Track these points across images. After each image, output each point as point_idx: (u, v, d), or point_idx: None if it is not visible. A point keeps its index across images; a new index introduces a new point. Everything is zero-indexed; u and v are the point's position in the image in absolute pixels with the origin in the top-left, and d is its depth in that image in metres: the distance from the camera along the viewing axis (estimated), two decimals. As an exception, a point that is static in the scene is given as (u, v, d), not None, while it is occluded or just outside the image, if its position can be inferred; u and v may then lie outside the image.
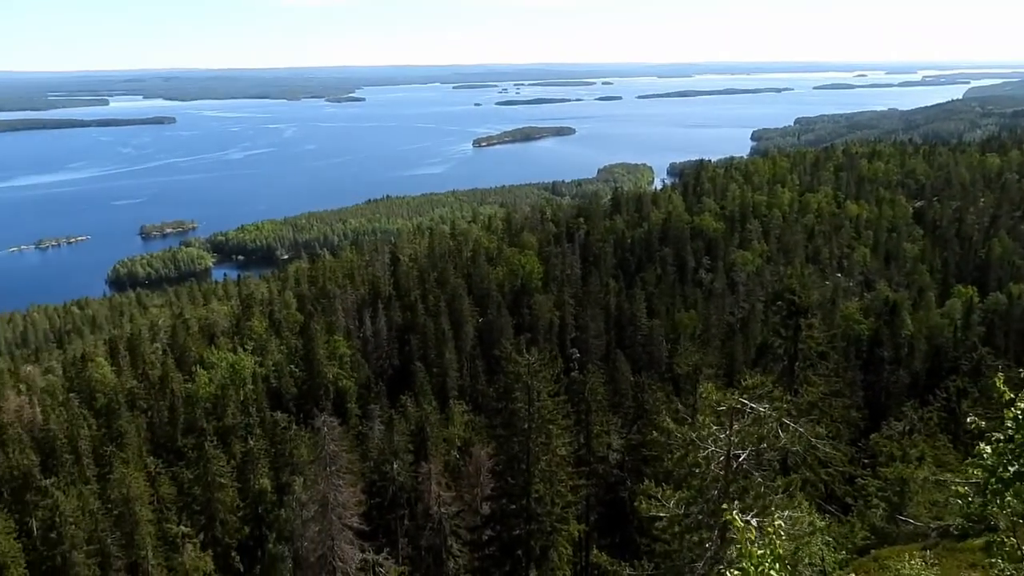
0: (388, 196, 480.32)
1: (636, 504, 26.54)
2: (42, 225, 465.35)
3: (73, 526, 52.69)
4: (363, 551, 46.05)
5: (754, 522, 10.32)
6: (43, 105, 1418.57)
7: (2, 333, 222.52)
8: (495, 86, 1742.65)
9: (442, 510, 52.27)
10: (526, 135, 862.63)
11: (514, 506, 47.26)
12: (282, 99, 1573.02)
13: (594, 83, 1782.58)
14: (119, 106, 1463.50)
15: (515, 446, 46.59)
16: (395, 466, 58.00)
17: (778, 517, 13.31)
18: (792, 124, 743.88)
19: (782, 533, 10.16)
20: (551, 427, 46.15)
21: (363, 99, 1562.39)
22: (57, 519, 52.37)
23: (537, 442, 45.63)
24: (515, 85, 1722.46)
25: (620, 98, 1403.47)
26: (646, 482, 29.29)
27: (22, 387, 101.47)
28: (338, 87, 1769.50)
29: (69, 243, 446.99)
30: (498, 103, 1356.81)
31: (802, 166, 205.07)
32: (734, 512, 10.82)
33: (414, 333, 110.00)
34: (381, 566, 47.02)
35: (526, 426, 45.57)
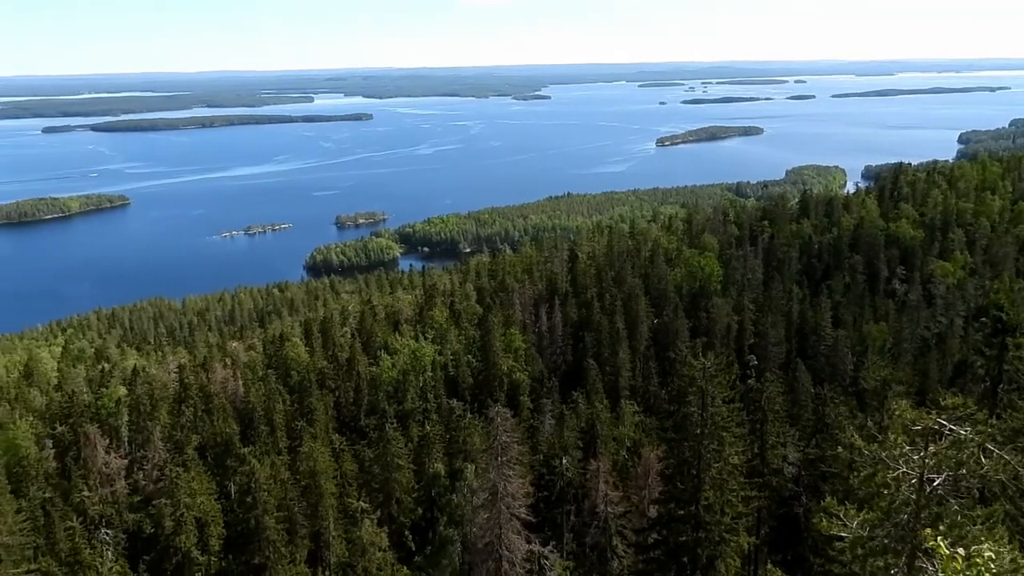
0: (569, 193, 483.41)
1: (814, 521, 25.28)
2: (251, 213, 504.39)
3: (266, 493, 56.65)
4: (529, 542, 46.68)
5: (961, 551, 9.46)
6: (256, 102, 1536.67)
7: (213, 311, 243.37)
8: (681, 84, 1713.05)
9: (609, 509, 52.07)
10: (711, 134, 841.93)
11: (682, 512, 46.29)
12: (471, 97, 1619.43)
13: (786, 81, 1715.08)
14: (323, 103, 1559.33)
15: (686, 451, 45.60)
16: (564, 461, 58.34)
17: (988, 549, 12.16)
18: (1006, 126, 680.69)
19: (992, 566, 9.32)
20: (724, 434, 44.81)
21: (549, 97, 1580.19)
22: (252, 485, 56.45)
23: (709, 448, 44.44)
24: (702, 83, 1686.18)
25: (813, 97, 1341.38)
26: (827, 499, 27.78)
27: (228, 361, 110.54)
28: (525, 85, 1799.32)
29: (273, 230, 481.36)
30: (684, 102, 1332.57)
31: (1016, 172, 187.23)
32: (938, 539, 10.02)
33: (589, 330, 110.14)
34: (546, 558, 47.45)
35: (698, 431, 44.48)
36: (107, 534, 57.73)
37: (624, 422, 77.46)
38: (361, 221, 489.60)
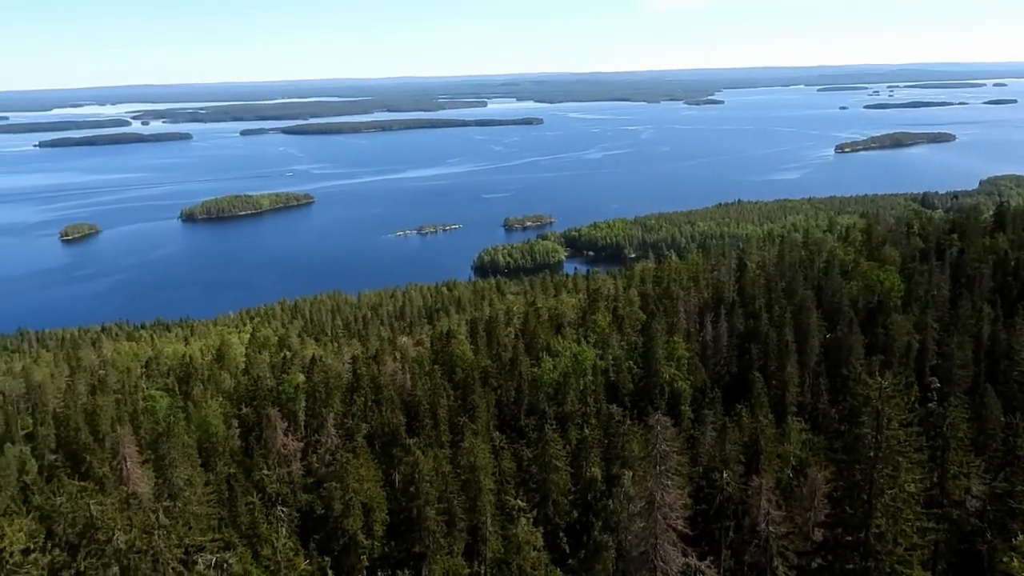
0: (739, 200, 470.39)
1: (1004, 561, 23.45)
2: (424, 213, 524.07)
3: (428, 484, 58.73)
4: (685, 555, 45.89)
5: None
6: (433, 107, 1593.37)
7: (386, 306, 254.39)
8: (865, 88, 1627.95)
9: (770, 528, 50.35)
10: (896, 141, 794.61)
11: (850, 538, 44.06)
12: (642, 102, 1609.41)
13: (983, 84, 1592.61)
14: (495, 107, 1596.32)
15: (857, 474, 43.36)
16: (725, 475, 56.93)
17: None
18: None
19: None
20: (900, 459, 42.23)
21: (722, 102, 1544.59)
22: (416, 476, 58.69)
23: (883, 473, 42.06)
24: (888, 87, 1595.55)
25: (1015, 101, 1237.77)
26: (1018, 537, 25.74)
27: (397, 355, 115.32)
28: (697, 89, 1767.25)
29: (444, 230, 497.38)
30: (867, 106, 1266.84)
31: None
32: None
33: (755, 342, 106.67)
34: (703, 573, 46.54)
35: (871, 454, 42.20)
36: (282, 511, 61.66)
37: (790, 439, 74.51)
38: (528, 224, 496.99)
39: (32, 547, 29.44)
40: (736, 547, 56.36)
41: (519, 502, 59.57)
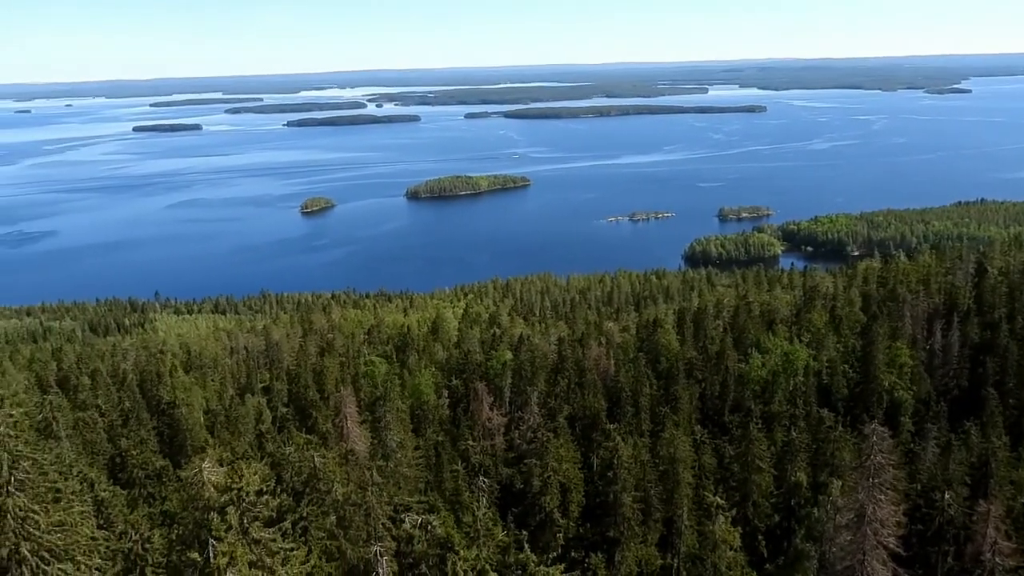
0: (982, 200, 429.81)
1: None
2: (636, 200, 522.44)
3: (626, 471, 58.90)
4: (895, 575, 43.22)
5: None
6: (652, 93, 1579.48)
7: (594, 290, 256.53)
8: None
9: (998, 560, 46.16)
10: None
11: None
12: (876, 89, 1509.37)
13: None
14: (716, 94, 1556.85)
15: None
16: (947, 496, 52.84)
17: None
18: None
19: None
20: None
21: (968, 91, 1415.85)
22: (615, 461, 59.03)
23: None
24: None
25: None
26: None
27: (602, 340, 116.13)
28: (939, 77, 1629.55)
29: (656, 218, 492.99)
30: None
31: None
32: None
33: (992, 355, 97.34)
34: (913, 597, 43.63)
35: None
36: (484, 482, 64.12)
37: (1027, 465, 67.71)
38: (744, 215, 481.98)
39: (264, 489, 32.61)
40: (955, 575, 52.25)
41: (718, 499, 58.37)
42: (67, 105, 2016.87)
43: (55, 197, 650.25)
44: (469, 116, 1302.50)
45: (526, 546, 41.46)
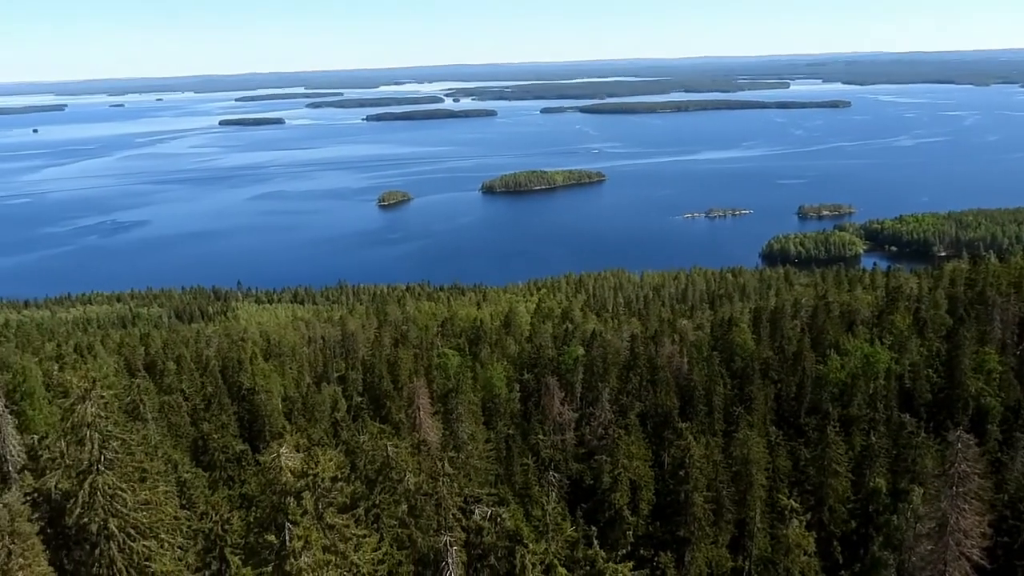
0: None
1: None
2: (714, 196, 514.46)
3: (698, 471, 58.22)
4: (979, 588, 41.71)
5: None
6: (731, 87, 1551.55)
7: (668, 287, 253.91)
8: None
9: (1089, 576, 44.17)
10: None
11: None
12: (968, 84, 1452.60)
13: None
14: (798, 89, 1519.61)
15: None
16: (1036, 508, 50.67)
17: None
18: None
19: None
20: None
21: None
22: (686, 460, 58.40)
23: None
24: None
25: None
26: None
27: (676, 337, 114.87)
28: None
29: (733, 215, 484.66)
30: None
31: None
32: None
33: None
34: (998, 611, 42.03)
35: None
36: (554, 476, 64.24)
37: None
38: (825, 213, 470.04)
39: (339, 476, 33.32)
40: (1044, 590, 50.14)
41: (792, 502, 57.22)
42: (158, 99, 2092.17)
43: (146, 188, 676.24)
44: (545, 111, 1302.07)
45: (595, 542, 41.34)
